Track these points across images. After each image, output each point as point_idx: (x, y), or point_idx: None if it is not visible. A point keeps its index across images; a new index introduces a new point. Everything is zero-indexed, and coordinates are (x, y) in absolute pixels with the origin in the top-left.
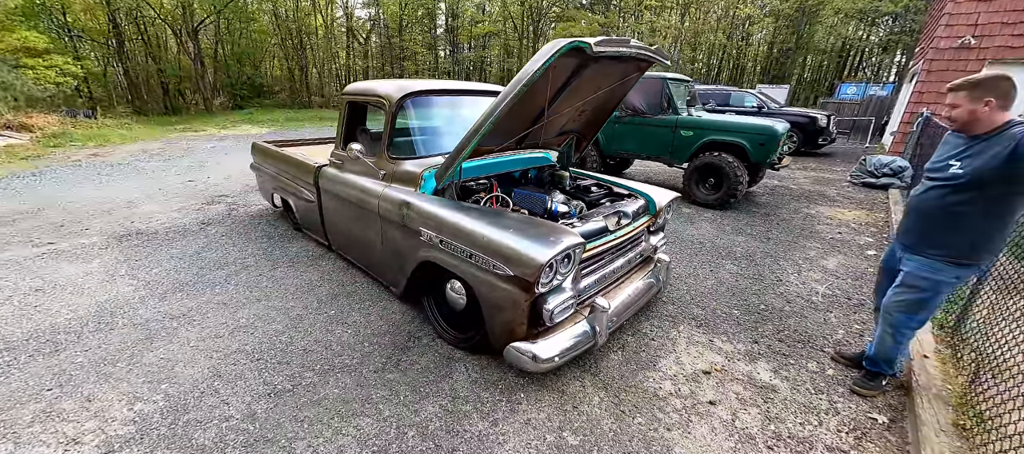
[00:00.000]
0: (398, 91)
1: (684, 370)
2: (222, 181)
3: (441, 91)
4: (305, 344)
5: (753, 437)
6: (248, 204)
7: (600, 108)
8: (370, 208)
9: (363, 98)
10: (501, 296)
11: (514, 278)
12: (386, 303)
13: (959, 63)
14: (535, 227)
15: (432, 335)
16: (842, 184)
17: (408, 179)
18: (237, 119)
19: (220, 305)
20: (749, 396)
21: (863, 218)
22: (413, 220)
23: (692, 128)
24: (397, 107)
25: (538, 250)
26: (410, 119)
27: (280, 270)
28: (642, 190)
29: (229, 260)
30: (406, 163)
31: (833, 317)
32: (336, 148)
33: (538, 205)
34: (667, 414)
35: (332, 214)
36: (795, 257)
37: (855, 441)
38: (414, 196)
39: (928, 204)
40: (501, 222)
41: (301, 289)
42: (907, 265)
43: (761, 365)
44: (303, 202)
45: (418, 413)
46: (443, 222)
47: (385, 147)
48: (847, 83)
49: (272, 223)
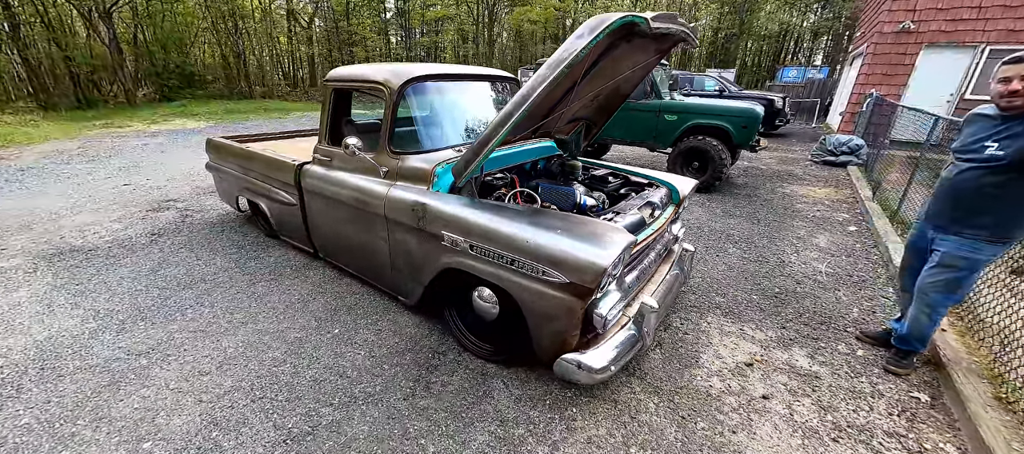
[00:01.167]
0: (398, 77)
1: (727, 364)
2: (165, 183)
3: (445, 76)
4: (314, 373)
5: (816, 431)
6: (204, 209)
7: (614, 93)
8: (372, 210)
9: (354, 85)
10: (551, 305)
11: (569, 285)
12: (395, 315)
13: (900, 46)
14: (582, 226)
15: (457, 349)
16: (804, 163)
17: (417, 176)
18: (168, 112)
19: (197, 334)
20: (796, 386)
21: (834, 195)
22: (432, 223)
23: (676, 112)
24: (398, 95)
25: (597, 253)
26: (413, 108)
27: (261, 285)
28: (661, 178)
29: (196, 277)
30: (412, 158)
31: (843, 296)
32: (321, 143)
33: (566, 200)
34: (726, 415)
35: (320, 218)
36: (788, 237)
37: (908, 423)
38: (429, 196)
39: (964, 185)
40: (543, 222)
41: (292, 306)
42: (942, 245)
43: (796, 351)
44: (279, 205)
45: (467, 444)
46: (473, 225)
47: (386, 140)
48: (788, 67)
49: (239, 230)
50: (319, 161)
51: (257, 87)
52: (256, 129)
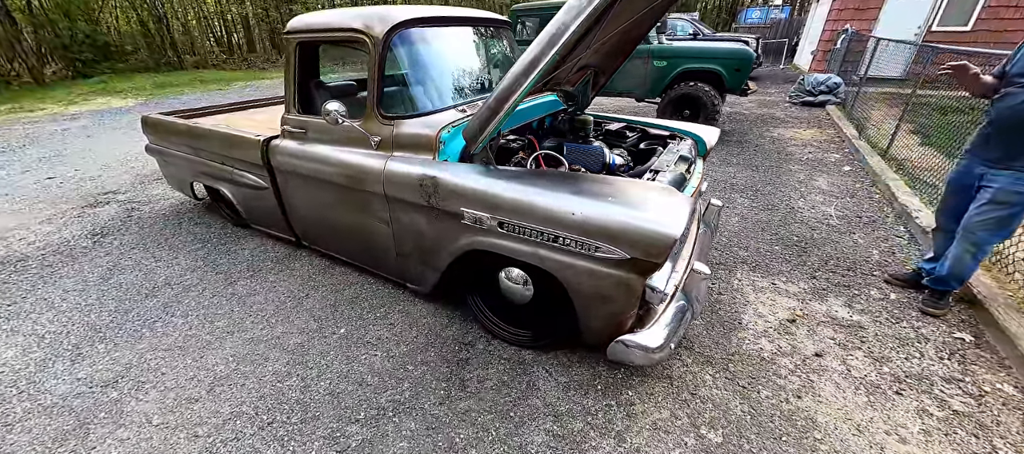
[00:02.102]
0: (383, 22)
1: (770, 323)
2: (99, 173)
3: (438, 19)
4: (328, 385)
5: (877, 385)
6: (152, 199)
7: (624, 37)
8: (368, 189)
9: (324, 35)
10: (606, 285)
11: (629, 261)
12: (406, 305)
13: None
14: (634, 191)
15: (485, 336)
16: (784, 105)
17: (419, 144)
18: (86, 90)
19: (173, 351)
20: (844, 338)
21: (820, 136)
22: (448, 199)
23: (666, 57)
24: (384, 46)
25: (662, 221)
26: (402, 62)
27: (241, 284)
28: (683, 128)
29: (158, 282)
30: (410, 123)
31: (859, 239)
32: (289, 112)
33: (595, 160)
34: (786, 379)
35: (301, 201)
36: (789, 182)
37: (960, 367)
38: (438, 167)
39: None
40: (587, 189)
41: (284, 306)
42: (996, 181)
43: (832, 301)
44: (246, 190)
45: (525, 449)
46: (502, 199)
47: (375, 103)
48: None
49: (199, 220)
50: (290, 134)
51: (187, 56)
52: (195, 103)
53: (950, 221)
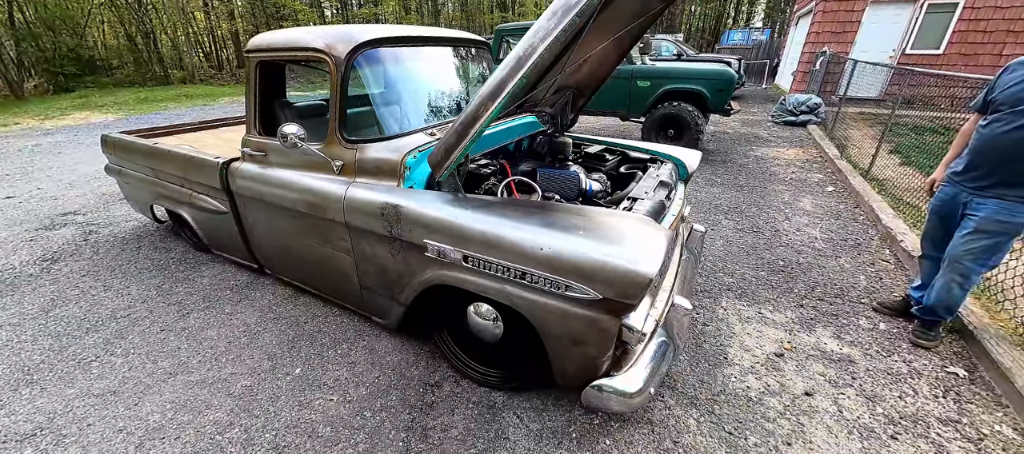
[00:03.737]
0: (345, 42)
1: (756, 357)
2: (62, 192)
3: (403, 39)
4: (273, 437)
5: (871, 429)
6: (112, 221)
7: (604, 58)
8: (329, 217)
9: (285, 55)
10: (578, 326)
11: (601, 302)
12: (371, 340)
13: (847, 3)
14: (607, 223)
15: (453, 376)
16: (766, 124)
17: (382, 170)
18: (65, 105)
19: (107, 397)
20: (834, 375)
21: (802, 156)
22: (410, 230)
23: (650, 78)
24: (347, 66)
25: (636, 258)
26: (367, 83)
27: (194, 317)
28: (663, 151)
29: (104, 314)
30: (373, 147)
31: (845, 263)
32: (250, 133)
33: (571, 187)
34: (775, 423)
35: (262, 229)
36: (774, 203)
37: (956, 406)
38: (400, 194)
39: (1010, 141)
40: (557, 222)
41: (237, 342)
42: (981, 210)
43: (820, 332)
44: (207, 214)
45: None
46: (466, 231)
47: (337, 126)
48: (732, 30)
49: (159, 245)
50: (251, 157)
51: (174, 71)
52: (177, 119)
53: (935, 248)
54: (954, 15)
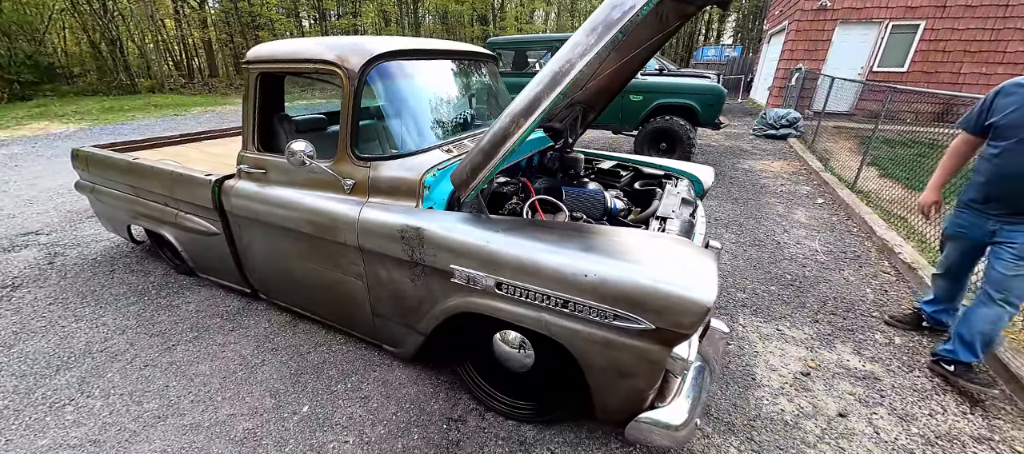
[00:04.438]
0: (359, 54)
1: (783, 377)
2: (22, 210)
3: (418, 52)
4: None
5: (911, 451)
6: (81, 241)
7: (617, 73)
8: (339, 240)
9: (290, 67)
10: (625, 358)
11: (654, 332)
12: (383, 370)
13: (819, 23)
14: (649, 246)
15: (477, 409)
16: (748, 137)
17: (399, 189)
18: (21, 114)
19: (86, 448)
20: (863, 393)
21: (788, 168)
22: (435, 254)
23: (642, 92)
24: (361, 80)
25: (693, 286)
26: (380, 97)
27: (182, 350)
28: (678, 168)
29: (77, 348)
30: (388, 165)
31: (849, 275)
32: (248, 149)
33: (596, 206)
34: (815, 448)
35: (259, 252)
36: (769, 215)
37: (985, 422)
38: (422, 216)
39: None
40: (599, 245)
41: (233, 377)
42: (1017, 236)
43: (840, 349)
44: (195, 235)
45: None
46: (500, 257)
47: (348, 143)
48: (706, 47)
49: (136, 267)
50: (248, 175)
51: (142, 80)
52: (147, 130)
53: (952, 271)
54: (916, 36)
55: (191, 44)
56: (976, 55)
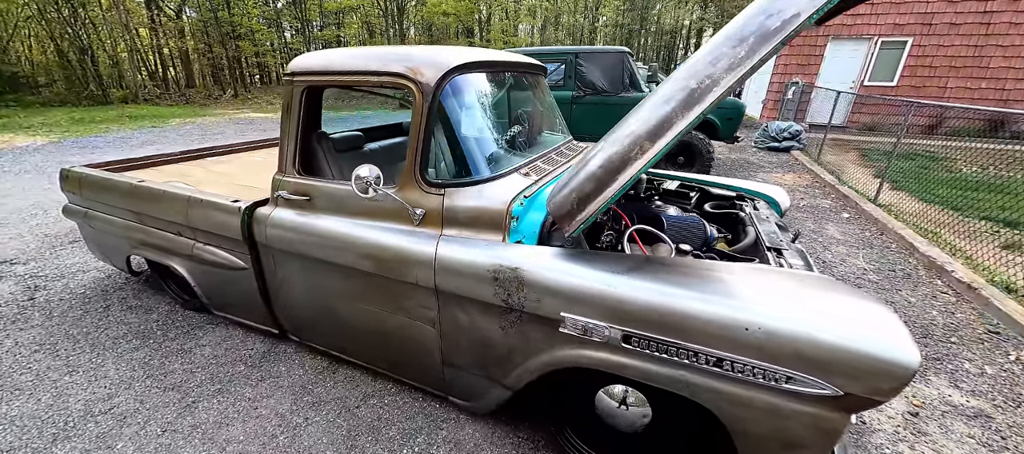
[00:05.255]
0: (434, 65)
1: (892, 418)
2: None
3: (491, 64)
4: None
5: None
6: (64, 271)
7: None
8: (407, 278)
9: (347, 79)
10: (796, 426)
11: (841, 398)
12: (450, 428)
13: (811, 39)
14: (807, 289)
15: None
16: (750, 150)
17: (481, 221)
18: None
19: None
20: (982, 434)
21: (800, 181)
22: (539, 301)
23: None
24: (436, 95)
25: (891, 344)
26: (454, 116)
27: (204, 408)
28: (750, 188)
29: (75, 409)
30: (465, 193)
31: (909, 297)
32: (286, 172)
33: (696, 236)
34: None
35: (297, 288)
36: (804, 230)
37: None
38: (520, 253)
39: None
40: (743, 289)
41: (273, 444)
42: None
43: (936, 382)
44: (215, 269)
45: None
46: (629, 304)
47: (418, 167)
48: None
49: (133, 302)
50: (287, 202)
51: (114, 90)
52: (124, 143)
53: None
54: (904, 52)
55: (167, 54)
56: (961, 70)
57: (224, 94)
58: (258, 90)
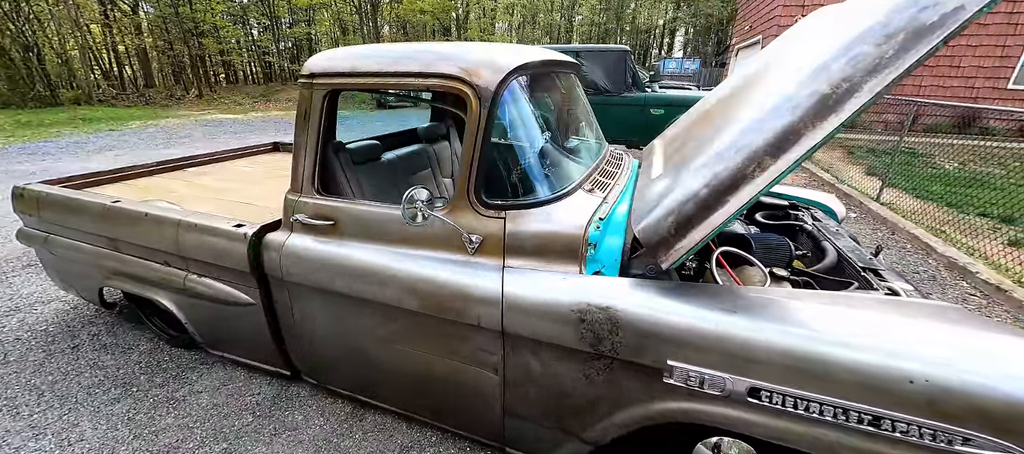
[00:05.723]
0: (493, 66)
1: None
2: None
3: (548, 64)
4: None
5: None
6: (20, 304)
7: None
8: (465, 318)
9: (381, 82)
10: None
11: None
12: None
13: None
14: (955, 326)
15: None
16: None
17: (553, 249)
18: None
19: None
20: None
21: (796, 178)
22: (640, 346)
23: (663, 105)
24: (495, 101)
25: None
26: (515, 122)
27: None
28: (802, 196)
29: None
30: (530, 215)
31: (939, 300)
32: (302, 191)
33: (783, 256)
34: None
35: (318, 327)
36: None
37: None
38: (608, 289)
39: None
40: (885, 327)
41: None
42: None
43: None
44: (213, 305)
45: None
46: (759, 350)
47: (474, 186)
48: (667, 60)
49: (108, 340)
50: (305, 227)
51: (64, 91)
52: (79, 149)
53: None
54: None
55: (123, 52)
56: (934, 69)
57: (187, 94)
58: (224, 90)
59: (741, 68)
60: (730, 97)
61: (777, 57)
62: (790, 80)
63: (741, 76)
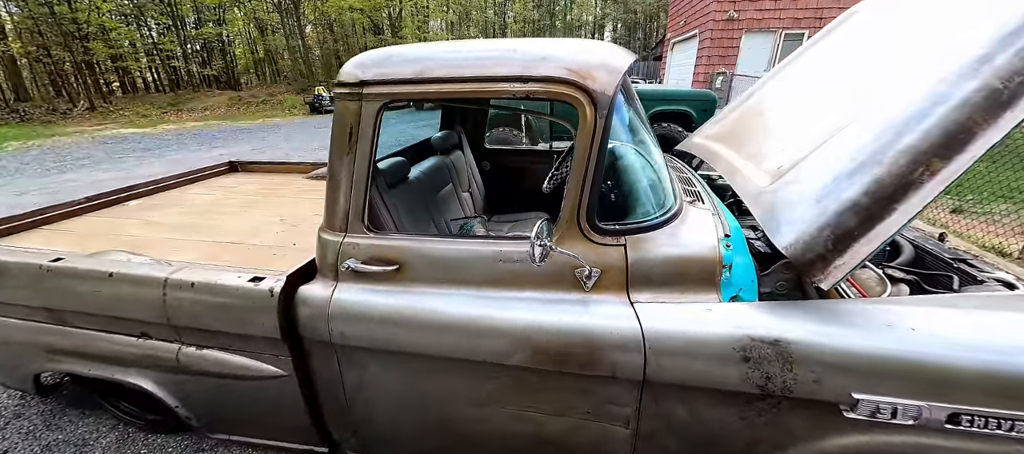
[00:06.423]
0: (605, 67)
1: None
2: None
3: None
4: None
5: None
6: None
7: None
8: (599, 370)
9: (464, 90)
10: None
11: None
12: None
13: (727, 32)
14: None
15: None
16: None
17: (687, 276)
18: None
19: None
20: None
21: None
22: (819, 380)
23: (642, 100)
24: (611, 107)
25: None
26: (623, 131)
27: None
28: None
29: None
30: (655, 239)
31: None
32: (348, 229)
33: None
34: None
35: (384, 394)
36: None
37: None
38: (775, 320)
39: None
40: None
41: None
42: None
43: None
44: (220, 381)
45: None
46: (960, 371)
47: (585, 209)
48: None
49: (49, 437)
50: (357, 275)
51: None
52: None
53: None
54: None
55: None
56: None
57: (75, 107)
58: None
59: (806, 55)
60: (823, 91)
61: (879, 44)
62: (931, 73)
63: (819, 65)
